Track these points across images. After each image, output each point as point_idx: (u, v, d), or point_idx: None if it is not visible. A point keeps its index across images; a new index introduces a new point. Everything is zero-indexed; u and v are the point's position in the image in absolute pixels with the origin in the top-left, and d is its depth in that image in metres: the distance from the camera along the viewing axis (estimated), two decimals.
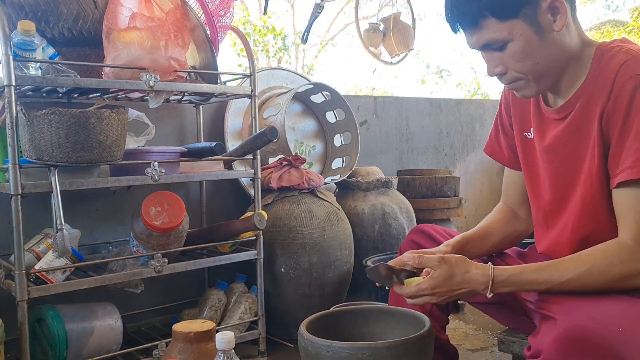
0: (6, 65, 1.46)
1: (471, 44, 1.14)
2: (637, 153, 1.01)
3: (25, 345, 1.52)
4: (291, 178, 2.15)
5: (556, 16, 1.06)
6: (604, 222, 1.11)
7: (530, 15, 1.06)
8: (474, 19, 1.08)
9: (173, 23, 1.70)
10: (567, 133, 1.14)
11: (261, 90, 2.48)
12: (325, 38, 11.94)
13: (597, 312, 0.97)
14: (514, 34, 1.07)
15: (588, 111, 1.09)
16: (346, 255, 2.20)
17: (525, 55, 1.08)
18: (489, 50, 1.12)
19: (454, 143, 3.57)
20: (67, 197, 1.88)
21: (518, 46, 1.07)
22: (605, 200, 1.09)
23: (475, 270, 1.12)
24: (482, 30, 1.09)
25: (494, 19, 1.06)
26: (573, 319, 0.96)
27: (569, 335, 0.94)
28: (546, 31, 1.07)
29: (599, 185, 1.10)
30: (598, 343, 0.92)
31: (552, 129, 1.18)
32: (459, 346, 2.03)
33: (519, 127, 1.30)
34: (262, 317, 2.01)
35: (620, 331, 0.92)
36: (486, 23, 1.07)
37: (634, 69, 1.02)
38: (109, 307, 1.80)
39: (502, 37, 1.07)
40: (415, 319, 1.24)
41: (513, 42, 1.07)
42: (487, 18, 1.07)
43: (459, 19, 1.11)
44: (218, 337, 0.98)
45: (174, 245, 1.80)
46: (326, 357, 1.10)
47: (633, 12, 10.95)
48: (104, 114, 1.54)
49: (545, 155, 1.21)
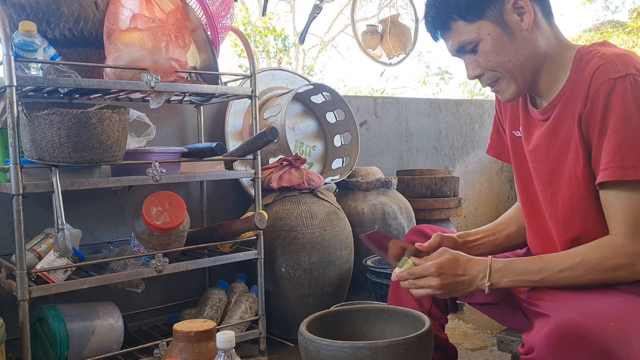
0: (7, 65, 1.46)
1: (449, 50, 1.21)
2: (610, 155, 1.04)
3: (27, 345, 1.53)
4: (291, 178, 2.16)
5: (523, 16, 1.12)
6: (592, 222, 1.13)
7: (497, 16, 1.12)
8: (445, 23, 1.16)
9: (174, 24, 1.71)
10: (548, 134, 1.18)
11: (261, 90, 2.49)
12: (325, 39, 11.94)
13: (588, 307, 0.99)
14: (482, 34, 1.13)
15: (567, 114, 1.13)
16: (346, 255, 2.21)
17: (495, 54, 1.14)
18: (464, 53, 1.18)
19: (453, 143, 3.58)
20: (68, 197, 1.89)
21: (487, 45, 1.13)
22: (593, 200, 1.12)
23: (476, 260, 1.16)
24: (453, 33, 1.16)
25: (462, 22, 1.14)
26: (564, 315, 0.98)
27: (559, 330, 0.95)
28: (515, 30, 1.12)
29: (585, 186, 1.12)
30: (588, 338, 0.93)
31: (537, 130, 1.22)
32: (459, 345, 2.04)
33: (509, 125, 1.33)
34: (262, 316, 2.02)
35: (611, 326, 0.94)
36: (456, 26, 1.15)
37: (607, 73, 1.05)
38: (110, 306, 1.80)
39: (471, 39, 1.14)
40: (415, 319, 1.24)
41: (483, 42, 1.13)
42: (456, 21, 1.14)
43: (434, 26, 1.19)
44: (219, 337, 0.98)
45: (174, 245, 1.80)
46: (326, 356, 1.11)
47: (632, 13, 10.96)
48: (105, 114, 1.55)
49: (531, 156, 1.24)
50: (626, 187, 1.04)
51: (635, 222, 1.04)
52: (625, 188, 1.05)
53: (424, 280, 1.16)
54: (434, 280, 1.15)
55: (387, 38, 3.49)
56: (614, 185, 1.06)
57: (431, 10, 1.18)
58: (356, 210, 2.44)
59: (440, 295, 1.17)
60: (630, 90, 1.03)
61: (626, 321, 0.95)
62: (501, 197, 3.83)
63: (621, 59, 1.06)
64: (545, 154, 1.19)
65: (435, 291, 1.16)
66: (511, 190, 3.88)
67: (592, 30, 11.59)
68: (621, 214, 1.06)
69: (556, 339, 0.95)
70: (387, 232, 2.42)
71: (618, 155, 1.03)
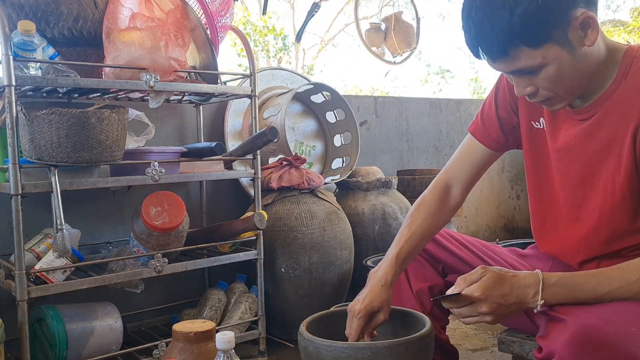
0: (6, 65, 1.46)
1: (498, 69, 1.08)
2: None
3: (26, 345, 1.52)
4: (291, 178, 2.15)
5: (587, 30, 1.00)
6: (620, 233, 1.11)
7: (562, 36, 0.99)
8: (503, 49, 1.00)
9: (173, 23, 1.71)
10: (587, 136, 1.11)
11: (261, 90, 2.48)
12: (326, 38, 11.94)
13: (606, 312, 0.97)
14: (548, 59, 1.00)
15: (614, 118, 1.06)
16: (346, 255, 2.20)
17: (559, 77, 1.03)
18: (521, 75, 1.05)
19: (454, 143, 3.57)
20: (67, 197, 1.88)
21: (553, 70, 1.02)
22: (626, 213, 1.09)
23: (523, 274, 1.05)
24: (513, 59, 1.01)
25: (526, 48, 0.99)
26: (582, 319, 0.96)
27: (580, 335, 0.93)
28: (577, 47, 1.01)
29: (620, 198, 1.08)
30: (609, 342, 0.91)
31: (567, 128, 1.15)
32: (459, 346, 2.03)
33: (526, 114, 1.24)
34: (262, 317, 2.01)
35: (633, 331, 0.92)
36: (517, 52, 1.00)
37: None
38: (109, 307, 1.80)
39: (536, 64, 1.01)
40: (416, 319, 1.24)
41: (548, 66, 1.01)
42: (518, 47, 0.99)
43: (484, 48, 1.03)
44: (218, 337, 0.98)
45: (174, 245, 1.80)
46: (326, 357, 1.10)
47: (633, 12, 10.95)
48: (104, 114, 1.54)
49: (559, 154, 1.18)
50: None
51: None
52: None
53: (471, 308, 1.04)
54: (483, 307, 1.03)
55: (391, 36, 3.48)
56: None
57: (484, 32, 1.00)
58: (356, 210, 2.44)
59: (491, 322, 1.06)
60: None
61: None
62: (502, 197, 3.82)
63: None
64: (578, 155, 1.13)
65: (485, 317, 1.04)
66: (512, 190, 3.88)
67: None
68: None
69: (579, 344, 0.93)
70: (387, 232, 2.42)
71: None
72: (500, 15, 0.97)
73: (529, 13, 0.96)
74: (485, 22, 0.99)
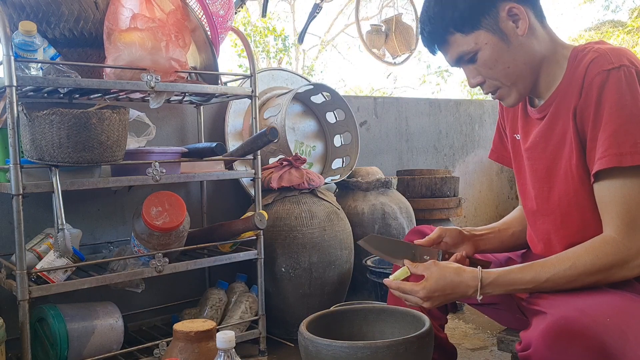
0: (7, 65, 1.46)
1: (448, 62, 1.21)
2: (606, 142, 1.04)
3: (27, 345, 1.53)
4: (291, 178, 2.16)
5: (517, 22, 1.13)
6: (589, 218, 1.13)
7: (492, 25, 1.13)
8: (442, 37, 1.17)
9: (174, 24, 1.71)
10: (544, 131, 1.18)
11: (262, 90, 2.49)
12: (326, 39, 11.95)
13: (585, 304, 0.98)
14: (480, 44, 1.14)
15: (562, 109, 1.14)
16: (346, 255, 2.21)
17: (495, 61, 1.15)
18: (464, 63, 1.19)
19: (453, 143, 3.58)
20: (68, 197, 1.89)
21: (486, 54, 1.14)
22: (589, 197, 1.11)
23: (465, 273, 1.14)
24: (451, 46, 1.17)
25: (459, 34, 1.15)
26: (560, 311, 0.98)
27: (555, 326, 0.95)
28: (511, 37, 1.14)
29: (579, 181, 1.12)
30: (584, 333, 0.93)
31: (534, 129, 1.23)
32: (459, 345, 2.04)
33: (510, 129, 1.35)
34: (262, 316, 2.02)
35: (607, 321, 0.93)
36: (453, 39, 1.16)
37: (601, 65, 1.06)
38: (110, 306, 1.81)
39: (470, 49, 1.15)
40: (415, 318, 1.24)
41: (481, 51, 1.15)
42: (452, 34, 1.15)
43: (431, 41, 1.20)
44: (219, 337, 0.98)
45: (174, 245, 1.80)
46: (326, 356, 1.11)
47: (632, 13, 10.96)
48: (105, 114, 1.55)
49: (528, 154, 1.25)
50: (621, 176, 1.04)
51: (628, 217, 1.03)
52: (619, 177, 1.04)
53: (413, 299, 1.17)
54: (422, 302, 1.16)
55: (392, 37, 3.49)
56: (609, 175, 1.05)
57: (426, 26, 1.19)
58: (356, 210, 2.44)
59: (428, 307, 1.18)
60: (624, 80, 1.04)
61: (621, 317, 0.94)
62: (501, 197, 3.83)
63: (614, 52, 1.07)
64: (542, 151, 1.20)
65: (424, 304, 1.17)
66: (511, 190, 3.88)
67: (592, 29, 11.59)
68: (614, 206, 1.05)
69: (552, 335, 0.95)
70: (387, 233, 2.43)
71: (614, 143, 1.03)
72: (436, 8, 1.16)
73: (458, 3, 1.13)
74: (426, 17, 1.18)
